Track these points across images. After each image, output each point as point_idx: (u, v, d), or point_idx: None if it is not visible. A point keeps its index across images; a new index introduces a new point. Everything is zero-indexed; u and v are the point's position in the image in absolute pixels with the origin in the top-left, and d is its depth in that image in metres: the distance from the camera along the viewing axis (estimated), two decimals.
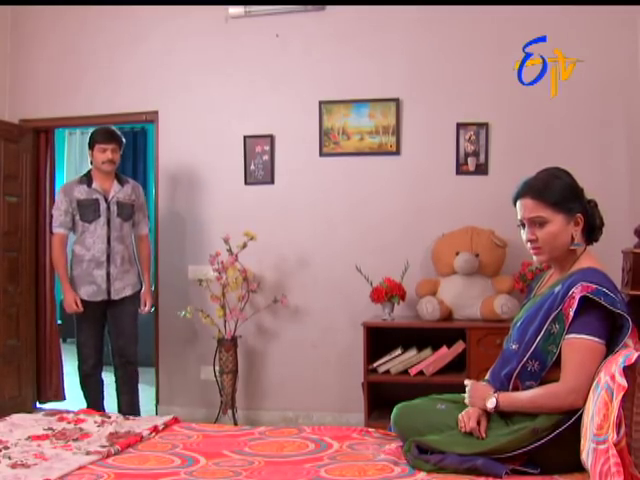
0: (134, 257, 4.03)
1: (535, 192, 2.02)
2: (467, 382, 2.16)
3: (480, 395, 2.04)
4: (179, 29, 4.50)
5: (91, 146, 3.87)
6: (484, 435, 1.96)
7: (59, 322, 5.11)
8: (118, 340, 3.95)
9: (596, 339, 1.87)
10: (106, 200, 3.87)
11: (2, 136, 4.45)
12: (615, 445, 1.60)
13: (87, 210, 3.84)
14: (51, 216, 3.97)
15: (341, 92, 4.28)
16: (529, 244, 2.07)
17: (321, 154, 4.31)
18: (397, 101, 4.20)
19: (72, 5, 4.57)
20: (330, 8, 4.28)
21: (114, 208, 3.88)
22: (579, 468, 1.79)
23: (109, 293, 3.88)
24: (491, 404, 1.99)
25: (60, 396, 4.84)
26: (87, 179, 3.91)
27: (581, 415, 1.82)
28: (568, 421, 1.84)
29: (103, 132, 3.89)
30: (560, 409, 1.87)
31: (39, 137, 4.79)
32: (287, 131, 4.38)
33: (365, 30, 4.26)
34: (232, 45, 4.42)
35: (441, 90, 4.16)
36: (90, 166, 3.96)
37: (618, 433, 1.61)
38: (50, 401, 4.77)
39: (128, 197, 3.95)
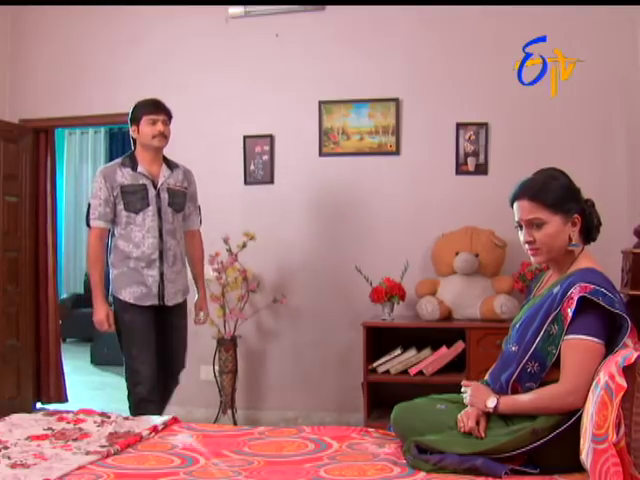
0: (184, 255, 3.45)
1: (532, 194, 2.02)
2: (464, 383, 2.17)
3: (481, 396, 2.04)
4: (179, 29, 4.50)
5: (136, 120, 3.24)
6: (483, 435, 1.96)
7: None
8: (162, 360, 3.23)
9: (595, 339, 1.87)
10: (155, 186, 3.23)
11: (2, 136, 4.46)
12: (614, 445, 1.60)
13: (133, 198, 3.17)
14: (88, 206, 3.25)
15: (341, 92, 4.28)
16: (527, 245, 2.06)
17: (321, 154, 4.31)
18: (397, 101, 4.20)
19: (72, 5, 4.57)
20: (330, 8, 4.28)
21: (164, 196, 3.24)
22: (579, 468, 1.78)
23: (161, 298, 3.22)
24: (491, 403, 1.99)
25: (62, 397, 4.82)
26: (131, 161, 3.24)
27: (581, 415, 1.81)
28: (568, 421, 1.84)
29: (150, 102, 3.28)
30: (560, 410, 1.86)
31: (39, 137, 4.79)
32: (287, 131, 4.38)
33: (365, 30, 4.26)
34: (232, 45, 4.42)
35: (441, 90, 4.16)
36: (132, 147, 3.34)
37: (617, 433, 1.61)
38: (52, 402, 4.75)
39: (180, 184, 3.33)
